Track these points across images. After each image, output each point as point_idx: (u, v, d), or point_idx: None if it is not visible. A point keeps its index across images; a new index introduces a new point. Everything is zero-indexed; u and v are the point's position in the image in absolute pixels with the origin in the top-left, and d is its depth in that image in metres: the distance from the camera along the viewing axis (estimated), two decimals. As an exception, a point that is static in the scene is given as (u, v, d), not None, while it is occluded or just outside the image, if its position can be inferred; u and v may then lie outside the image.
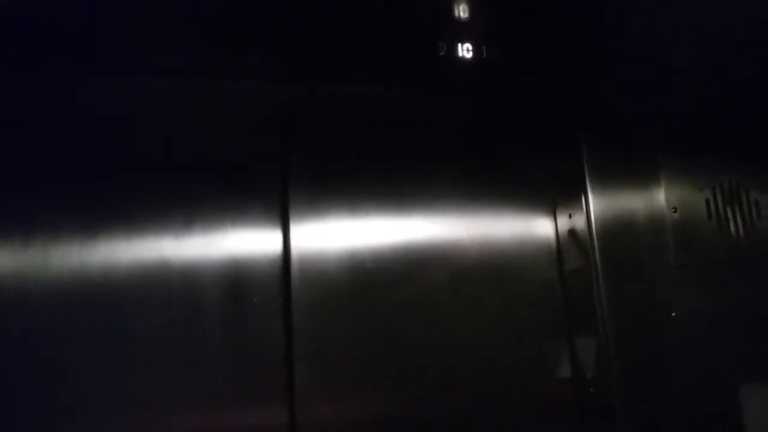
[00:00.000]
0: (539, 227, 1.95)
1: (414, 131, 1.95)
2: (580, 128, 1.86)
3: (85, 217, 1.63)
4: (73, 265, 1.61)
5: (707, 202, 1.86)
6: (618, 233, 1.77)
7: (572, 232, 1.87)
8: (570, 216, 1.88)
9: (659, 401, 1.69)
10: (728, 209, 1.86)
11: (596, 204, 1.78)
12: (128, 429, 1.57)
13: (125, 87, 1.73)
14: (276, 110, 1.84)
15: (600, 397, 1.74)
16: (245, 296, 1.69)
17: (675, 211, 1.80)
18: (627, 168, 1.81)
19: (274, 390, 1.65)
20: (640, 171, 1.82)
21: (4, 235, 1.59)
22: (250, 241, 1.73)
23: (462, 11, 1.67)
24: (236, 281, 1.69)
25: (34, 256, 1.59)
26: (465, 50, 1.75)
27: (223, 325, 1.66)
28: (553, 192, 1.97)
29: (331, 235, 1.78)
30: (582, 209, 1.80)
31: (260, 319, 1.68)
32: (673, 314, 1.75)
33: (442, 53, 1.73)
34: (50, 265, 1.59)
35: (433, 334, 1.79)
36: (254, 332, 1.68)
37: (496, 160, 1.99)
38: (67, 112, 1.71)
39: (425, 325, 1.79)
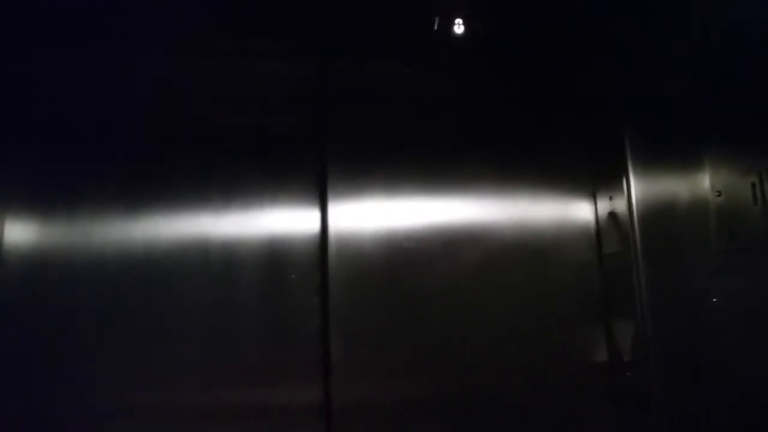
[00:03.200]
0: (578, 209, 2.00)
1: (451, 111, 2.01)
2: (622, 109, 1.88)
3: (128, 194, 1.76)
4: (116, 240, 1.73)
5: (753, 185, 1.86)
6: (659, 217, 1.79)
7: (612, 215, 1.91)
8: (610, 198, 1.92)
9: (695, 388, 1.72)
10: (775, 193, 1.87)
11: (638, 187, 1.81)
12: (165, 400, 1.70)
13: (170, 67, 1.84)
14: (314, 91, 1.92)
15: (636, 382, 1.79)
16: (283, 272, 1.79)
17: (719, 195, 1.80)
18: (670, 150, 1.80)
19: (309, 365, 1.76)
20: (684, 153, 1.82)
21: (50, 210, 1.72)
22: (288, 219, 1.83)
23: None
24: (274, 258, 1.79)
25: (79, 231, 1.72)
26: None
27: (260, 300, 1.77)
28: (593, 174, 2.00)
29: (367, 214, 1.87)
30: (623, 192, 1.84)
31: (297, 296, 1.79)
32: (714, 300, 1.77)
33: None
34: (94, 240, 1.72)
35: (467, 315, 1.87)
36: (291, 308, 1.78)
37: (535, 141, 2.03)
38: (113, 91, 1.82)
39: (460, 305, 1.87)
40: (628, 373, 1.83)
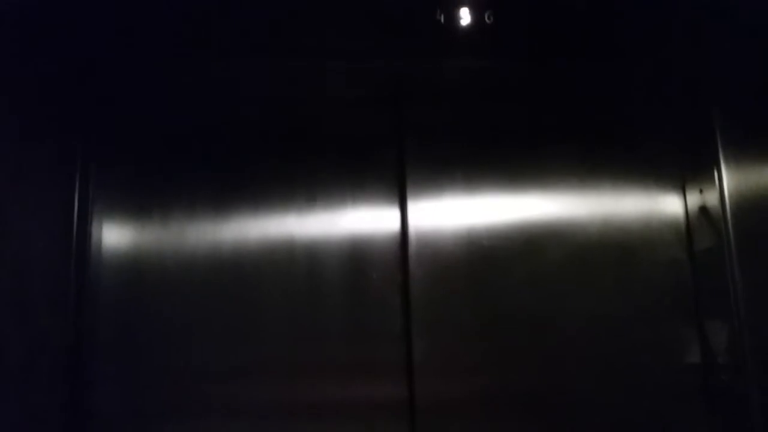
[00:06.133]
0: (666, 203, 1.97)
1: (530, 105, 2.03)
2: (712, 96, 1.85)
3: (218, 197, 1.88)
4: (207, 241, 1.85)
5: None
6: (754, 210, 1.74)
7: (703, 209, 1.88)
8: (701, 191, 1.89)
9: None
10: None
11: (730, 178, 1.78)
12: (252, 394, 1.80)
13: (254, 72, 1.96)
14: (391, 89, 1.99)
15: (732, 385, 1.75)
16: (365, 271, 1.87)
17: (819, 185, 1.76)
18: (765, 139, 1.77)
19: (393, 363, 1.82)
20: (780, 142, 1.80)
21: (145, 214, 1.86)
22: (369, 219, 1.90)
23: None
24: (356, 257, 1.87)
25: (172, 233, 1.85)
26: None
27: (344, 299, 1.85)
28: (681, 166, 1.98)
29: (447, 213, 1.91)
30: (714, 184, 1.81)
31: (379, 294, 1.86)
32: (815, 298, 1.72)
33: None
34: (186, 242, 1.85)
35: (551, 313, 1.88)
36: (374, 307, 1.85)
37: (619, 132, 2.02)
38: (201, 98, 1.95)
39: (543, 303, 1.88)
40: (723, 376, 1.80)
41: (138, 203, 1.87)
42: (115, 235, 1.85)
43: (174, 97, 1.95)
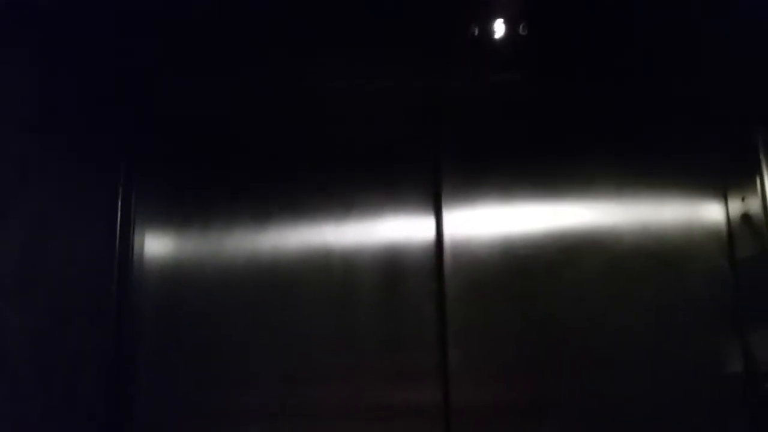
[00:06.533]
0: (707, 211, 1.94)
1: (566, 114, 2.01)
2: (753, 103, 1.82)
3: (256, 208, 1.91)
4: (246, 251, 1.90)
5: None
6: None
7: (746, 217, 1.85)
8: (743, 199, 1.86)
9: None
10: None
11: (774, 186, 1.74)
12: (288, 400, 1.83)
13: (292, 82, 2.00)
14: (427, 100, 2.00)
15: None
16: (400, 280, 1.88)
17: None
18: None
19: (428, 371, 1.83)
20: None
21: (185, 224, 1.91)
22: (404, 228, 1.92)
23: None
24: (392, 266, 1.89)
25: (212, 243, 1.90)
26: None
27: (379, 307, 1.87)
28: (723, 173, 1.95)
29: (483, 222, 1.92)
30: (757, 191, 1.78)
31: (415, 303, 1.87)
32: None
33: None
34: (225, 251, 1.89)
35: (587, 322, 1.87)
36: (409, 315, 1.87)
37: (659, 139, 1.99)
38: (241, 108, 2.00)
39: (579, 312, 1.87)
40: (767, 385, 1.77)
41: (178, 214, 1.93)
42: (156, 246, 1.91)
43: (213, 110, 2.00)
